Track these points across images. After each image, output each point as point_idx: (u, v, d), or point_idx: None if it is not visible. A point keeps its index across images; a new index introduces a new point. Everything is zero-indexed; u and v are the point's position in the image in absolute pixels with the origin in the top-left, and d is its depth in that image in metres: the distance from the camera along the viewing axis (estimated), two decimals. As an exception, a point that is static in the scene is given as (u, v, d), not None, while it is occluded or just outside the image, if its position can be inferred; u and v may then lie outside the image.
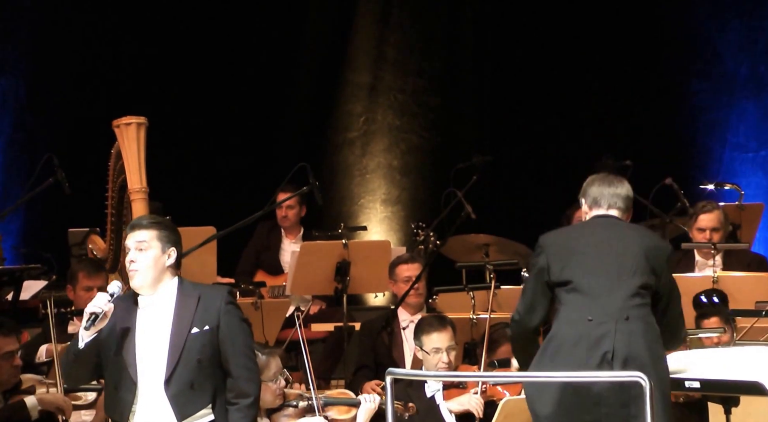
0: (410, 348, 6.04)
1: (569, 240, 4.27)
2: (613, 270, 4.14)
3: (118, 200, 5.61)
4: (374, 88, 8.86)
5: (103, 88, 8.30)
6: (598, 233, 4.25)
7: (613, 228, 4.25)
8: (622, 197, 4.32)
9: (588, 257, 4.18)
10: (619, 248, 4.18)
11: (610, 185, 4.36)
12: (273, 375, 4.79)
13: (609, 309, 4.09)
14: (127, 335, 4.12)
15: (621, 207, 4.31)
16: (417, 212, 8.41)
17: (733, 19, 8.62)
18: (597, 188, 4.33)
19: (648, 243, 4.21)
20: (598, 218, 4.30)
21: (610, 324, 4.06)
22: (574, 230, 4.47)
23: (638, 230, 4.35)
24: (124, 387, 4.10)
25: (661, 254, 4.20)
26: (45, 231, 7.85)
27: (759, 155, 8.49)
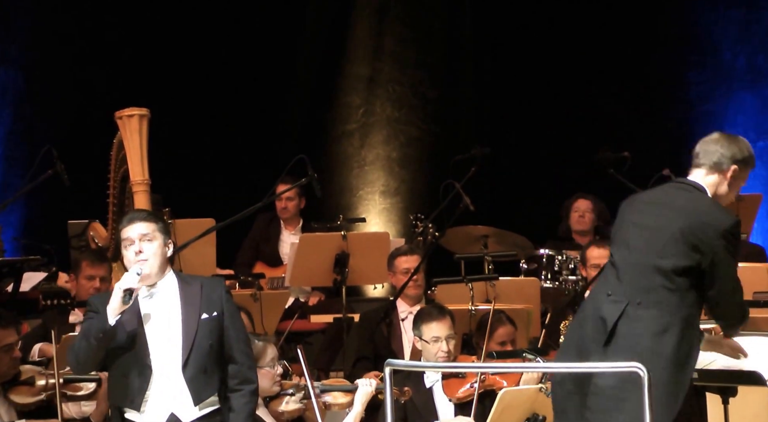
0: (409, 339, 6.05)
1: (628, 209, 4.06)
2: (644, 247, 3.93)
3: (120, 190, 5.63)
4: (373, 80, 8.87)
5: (102, 80, 8.30)
6: (654, 202, 4.01)
7: (671, 198, 3.99)
8: (711, 152, 4.01)
9: (630, 230, 4.00)
10: (660, 222, 3.94)
11: (706, 142, 4.07)
12: (270, 362, 4.83)
13: (627, 289, 3.92)
14: (135, 324, 4.16)
15: (708, 165, 3.99)
16: (416, 204, 8.42)
17: (731, 10, 8.62)
18: (696, 147, 4.08)
19: (693, 219, 3.91)
20: (672, 183, 4.09)
21: (621, 304, 3.90)
22: (642, 196, 4.13)
23: (696, 201, 3.99)
24: (136, 374, 4.14)
25: (708, 230, 3.89)
26: (45, 223, 7.86)
27: (756, 146, 8.49)
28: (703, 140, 4.13)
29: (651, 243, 3.96)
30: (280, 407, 4.90)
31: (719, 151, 4.07)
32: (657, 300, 3.91)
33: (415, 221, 7.21)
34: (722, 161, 4.06)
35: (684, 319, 3.92)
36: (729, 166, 4.07)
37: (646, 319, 3.91)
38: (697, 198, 4.02)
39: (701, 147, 4.11)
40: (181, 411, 4.14)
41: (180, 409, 4.14)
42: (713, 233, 3.93)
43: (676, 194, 4.05)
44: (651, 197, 4.10)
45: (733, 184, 4.10)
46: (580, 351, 3.96)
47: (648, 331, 3.91)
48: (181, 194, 7.05)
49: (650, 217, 4.01)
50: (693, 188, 4.04)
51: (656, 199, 4.07)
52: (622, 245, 4.01)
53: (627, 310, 3.91)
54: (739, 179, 4.11)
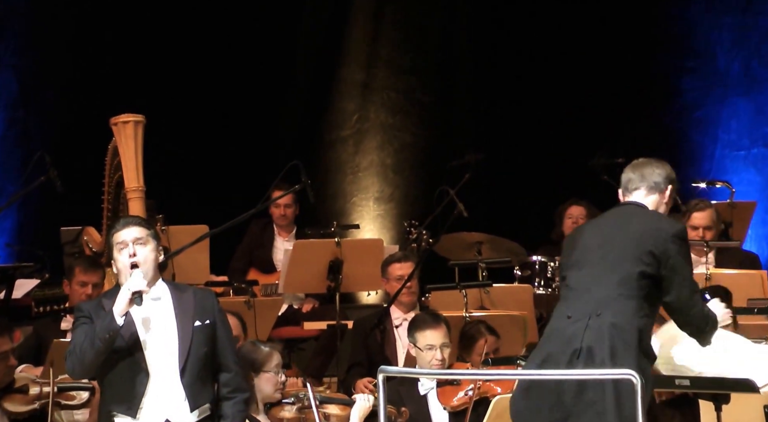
0: (403, 345, 6.05)
1: (577, 234, 4.19)
2: (598, 263, 4.02)
3: (115, 196, 5.62)
4: (367, 86, 8.87)
5: (96, 85, 8.29)
6: (604, 225, 4.12)
7: (621, 217, 4.10)
8: (647, 175, 4.14)
9: (582, 251, 4.09)
10: (612, 238, 4.04)
11: (637, 167, 4.19)
12: (275, 368, 4.83)
13: (586, 306, 3.99)
14: (130, 330, 4.16)
15: (647, 186, 4.12)
16: (410, 210, 8.42)
17: (726, 16, 8.64)
18: (626, 174, 4.21)
19: (646, 227, 4.01)
20: (616, 207, 4.18)
21: (583, 321, 3.97)
22: (591, 222, 4.29)
23: (646, 215, 4.11)
24: (133, 379, 4.14)
25: (662, 235, 3.99)
26: (38, 229, 7.85)
27: (751, 152, 8.51)
28: (631, 165, 4.26)
29: (606, 257, 4.04)
30: (280, 414, 4.90)
31: (656, 172, 4.20)
32: (615, 310, 3.96)
33: (409, 227, 7.21)
34: (660, 182, 4.19)
35: (640, 330, 3.97)
36: (666, 186, 4.20)
37: (604, 328, 3.95)
38: (644, 213, 4.14)
39: (634, 172, 4.22)
40: (176, 416, 4.14)
41: (176, 415, 4.14)
42: (666, 237, 4.01)
43: (624, 211, 4.16)
44: (598, 220, 4.22)
45: (668, 203, 4.23)
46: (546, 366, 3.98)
47: (610, 338, 3.93)
48: (174, 201, 7.04)
49: (601, 236, 4.10)
50: (637, 206, 4.16)
51: (604, 220, 4.17)
52: (575, 267, 4.09)
53: (589, 324, 3.96)
54: (671, 198, 4.25)
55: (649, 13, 8.68)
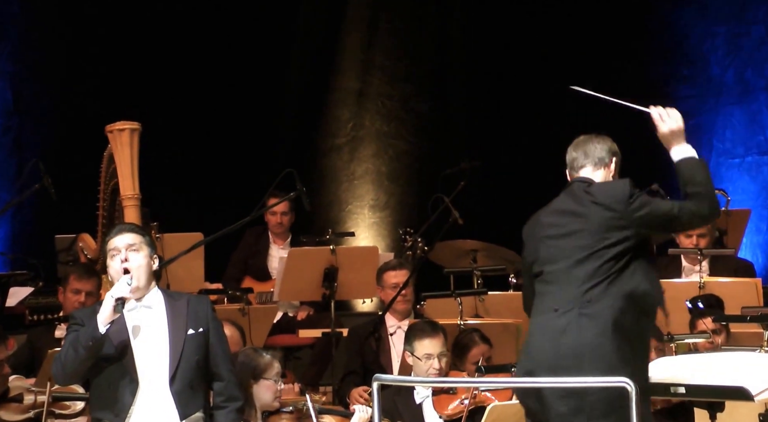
0: (398, 353, 6.04)
1: (536, 227, 4.13)
2: (572, 252, 3.97)
3: (110, 204, 5.62)
4: (362, 93, 8.88)
5: (91, 93, 8.29)
6: (559, 212, 4.06)
7: (575, 198, 4.05)
8: (590, 152, 4.13)
9: (549, 243, 4.04)
10: (574, 224, 3.99)
11: (579, 145, 4.17)
12: (275, 375, 4.83)
13: (570, 296, 3.94)
14: (121, 337, 4.16)
15: (592, 163, 4.10)
16: (405, 218, 8.42)
17: (719, 24, 8.66)
18: (569, 154, 4.19)
19: (602, 204, 3.97)
20: (564, 191, 4.13)
21: (570, 314, 3.92)
22: (543, 212, 4.18)
23: (597, 193, 4.03)
24: (122, 387, 4.13)
25: (618, 205, 3.95)
26: (32, 237, 7.84)
27: (745, 160, 8.53)
28: (573, 144, 4.23)
29: (574, 247, 3.99)
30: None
31: (598, 147, 4.18)
32: (598, 299, 3.92)
33: (404, 235, 7.21)
34: (604, 156, 4.17)
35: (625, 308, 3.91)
36: (610, 159, 4.18)
37: (586, 321, 3.92)
38: (594, 191, 4.07)
39: (577, 150, 4.20)
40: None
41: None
42: (623, 204, 3.98)
43: (576, 192, 4.09)
44: (552, 209, 4.14)
45: (615, 176, 4.19)
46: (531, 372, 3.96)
47: (589, 334, 3.90)
48: (169, 208, 7.04)
49: (562, 226, 4.04)
50: (584, 183, 4.09)
51: (560, 205, 4.11)
52: (548, 261, 4.04)
53: (573, 318, 3.93)
54: (617, 171, 4.21)
55: (643, 21, 8.70)
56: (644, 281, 3.97)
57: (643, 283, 3.97)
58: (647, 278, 3.98)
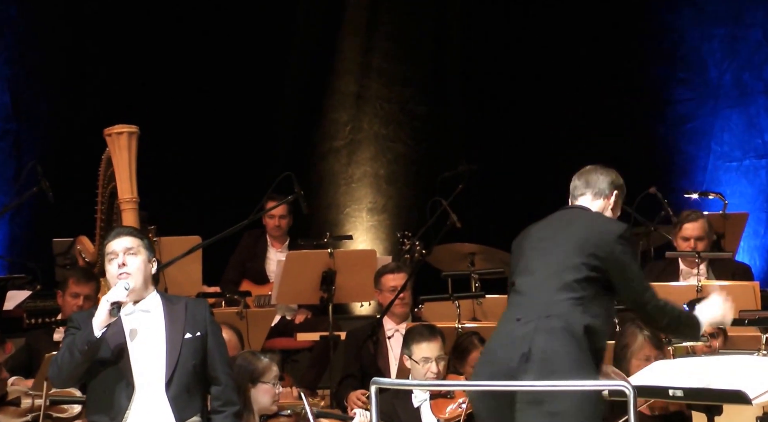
0: (395, 357, 6.04)
1: (523, 240, 4.18)
2: (546, 266, 4.02)
3: (108, 207, 5.61)
4: (360, 96, 8.88)
5: (89, 96, 8.29)
6: (548, 227, 4.13)
7: (565, 219, 4.12)
8: (592, 182, 4.18)
9: (530, 256, 4.09)
10: (557, 241, 4.05)
11: (583, 174, 4.22)
12: (273, 379, 4.82)
13: (536, 307, 3.99)
14: (118, 340, 4.16)
15: (592, 192, 4.15)
16: (403, 221, 8.43)
17: (717, 27, 8.67)
18: (572, 182, 4.25)
19: (589, 231, 4.03)
20: (559, 211, 4.20)
21: (532, 323, 3.96)
22: (534, 227, 4.25)
23: (590, 217, 4.13)
24: (118, 390, 4.13)
25: (604, 237, 4.00)
26: (30, 240, 7.84)
27: (743, 163, 8.53)
28: (577, 173, 4.29)
29: (555, 260, 4.04)
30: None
31: (600, 178, 4.23)
32: (564, 311, 3.97)
33: (402, 238, 7.21)
34: (605, 188, 4.21)
35: (585, 328, 3.96)
36: (611, 191, 4.22)
37: (556, 330, 3.95)
38: (588, 215, 4.17)
39: (579, 179, 4.26)
40: (162, 429, 4.11)
41: None
42: (609, 239, 4.03)
43: (569, 214, 4.18)
44: (543, 224, 4.23)
45: (615, 209, 4.25)
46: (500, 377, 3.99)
47: (560, 341, 3.94)
48: (167, 211, 7.04)
49: (547, 240, 4.10)
50: (581, 209, 4.19)
51: (549, 223, 4.19)
52: (524, 272, 4.10)
53: (537, 326, 3.96)
54: (618, 204, 4.26)
55: (640, 24, 8.71)
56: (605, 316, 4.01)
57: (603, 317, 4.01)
58: (606, 315, 4.03)
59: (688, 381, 4.06)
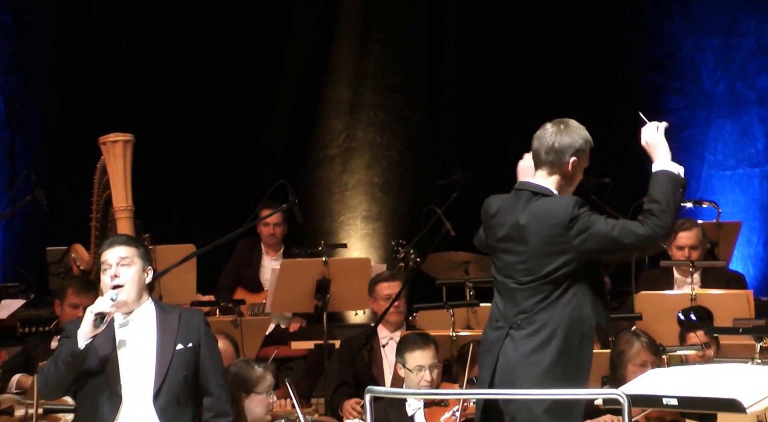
0: (390, 365, 6.04)
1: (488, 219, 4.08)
2: (514, 272, 3.95)
3: (103, 215, 5.61)
4: (355, 104, 8.89)
5: (82, 105, 8.29)
6: (508, 224, 4.00)
7: (519, 214, 3.97)
8: (545, 149, 3.98)
9: (499, 254, 4.03)
10: (520, 246, 3.95)
11: (539, 138, 4.01)
12: (267, 389, 4.80)
13: (509, 312, 3.95)
14: (108, 350, 4.14)
15: (548, 166, 3.96)
16: (397, 229, 8.43)
17: (710, 37, 8.69)
18: (533, 143, 4.06)
19: (544, 226, 3.89)
20: (515, 194, 4.04)
21: (504, 330, 3.93)
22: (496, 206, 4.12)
23: (539, 212, 3.94)
24: (106, 401, 4.11)
25: (560, 222, 3.87)
26: (23, 249, 7.82)
27: (736, 172, 8.55)
28: (537, 135, 4.11)
29: (517, 270, 3.97)
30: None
31: (556, 142, 4.02)
32: (530, 320, 3.92)
33: (397, 246, 7.21)
34: (562, 156, 4.03)
35: (563, 330, 3.90)
36: (569, 158, 4.04)
37: (520, 340, 3.92)
38: (535, 208, 3.98)
39: (536, 143, 4.08)
40: (149, 440, 4.10)
41: None
42: (562, 228, 3.90)
43: (520, 208, 4.01)
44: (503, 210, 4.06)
45: (575, 175, 4.08)
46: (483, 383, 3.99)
47: (521, 352, 3.91)
48: (161, 220, 7.03)
49: (509, 242, 4.00)
50: (533, 195, 4.01)
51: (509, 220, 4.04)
52: (498, 271, 4.04)
53: (510, 334, 3.93)
54: (579, 168, 4.08)
55: (635, 34, 8.73)
56: (584, 305, 3.93)
57: (583, 308, 3.93)
58: (588, 302, 3.93)
59: (682, 389, 4.07)
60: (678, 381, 4.12)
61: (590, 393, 3.91)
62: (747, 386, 3.90)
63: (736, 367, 4.30)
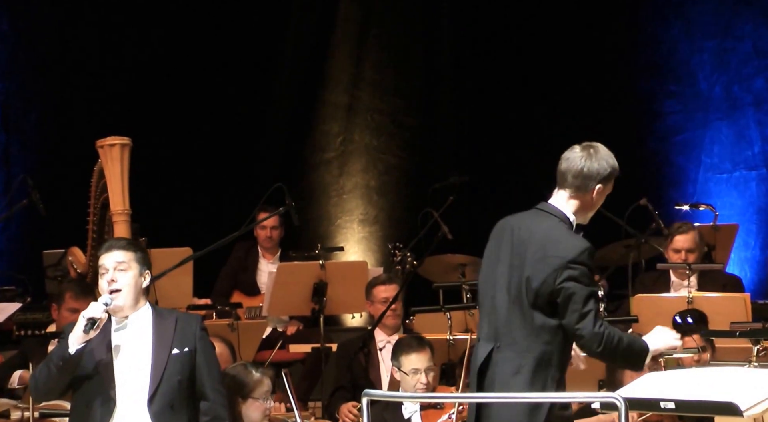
0: (387, 368, 6.03)
1: (487, 250, 4.05)
2: (503, 287, 3.90)
3: (100, 218, 5.60)
4: (351, 108, 8.89)
5: (79, 108, 8.28)
6: (507, 238, 3.96)
7: (523, 231, 3.91)
8: (572, 173, 3.89)
9: (488, 270, 3.98)
10: (514, 259, 3.89)
11: (567, 160, 3.94)
12: (264, 394, 4.78)
13: (491, 332, 3.91)
14: (103, 354, 4.13)
15: (570, 189, 3.88)
16: (394, 233, 8.42)
17: (706, 40, 8.70)
18: (559, 164, 3.95)
19: (546, 252, 3.82)
20: (534, 213, 3.99)
21: (487, 348, 3.90)
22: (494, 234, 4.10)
23: (548, 231, 3.88)
24: (100, 405, 4.09)
25: (554, 264, 3.79)
26: (20, 253, 7.81)
27: (733, 175, 8.56)
28: (565, 157, 4.02)
29: (510, 281, 3.92)
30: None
31: (584, 168, 3.93)
32: (510, 342, 3.88)
33: (394, 250, 7.21)
34: (588, 181, 3.94)
35: (537, 358, 3.86)
36: (595, 185, 3.93)
37: (501, 362, 3.88)
38: (547, 226, 3.92)
39: (563, 166, 3.99)
40: (143, 445, 4.08)
41: None
42: (555, 265, 3.82)
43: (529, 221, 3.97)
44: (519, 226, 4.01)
45: (596, 203, 3.99)
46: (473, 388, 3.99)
47: (501, 374, 3.88)
48: (157, 223, 7.03)
49: (507, 254, 3.96)
50: (546, 218, 3.96)
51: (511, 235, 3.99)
52: (483, 290, 4.00)
53: (492, 354, 3.90)
54: (601, 195, 3.99)
55: (630, 37, 8.74)
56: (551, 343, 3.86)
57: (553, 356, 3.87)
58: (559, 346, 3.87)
59: (679, 392, 4.07)
60: (675, 385, 4.12)
61: (587, 397, 3.91)
62: (744, 389, 3.90)
63: (733, 370, 4.30)
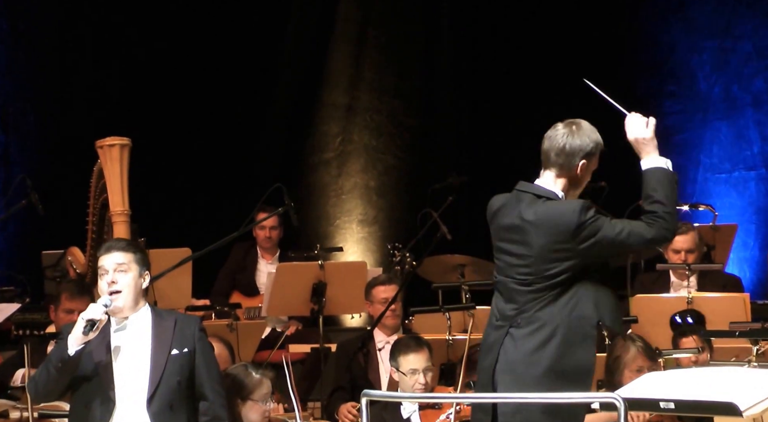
0: (386, 369, 6.03)
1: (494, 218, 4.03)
2: (515, 272, 3.90)
3: (99, 219, 5.60)
4: (351, 108, 8.89)
5: (78, 108, 8.28)
6: (508, 227, 3.95)
7: (521, 218, 3.90)
8: (555, 151, 3.92)
9: (499, 256, 3.99)
10: (521, 249, 3.88)
11: (550, 139, 3.94)
12: (263, 396, 4.78)
13: (508, 312, 3.90)
14: (103, 355, 4.13)
15: (556, 168, 3.89)
16: (393, 233, 8.42)
17: (706, 40, 8.70)
18: (543, 143, 3.96)
19: (548, 232, 3.83)
20: (517, 194, 3.98)
21: (503, 329, 3.89)
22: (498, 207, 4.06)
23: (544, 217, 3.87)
24: (99, 406, 4.10)
25: (567, 230, 3.80)
26: (19, 253, 7.81)
27: (732, 175, 8.56)
28: (548, 135, 4.03)
29: (518, 271, 3.92)
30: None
31: (566, 145, 3.96)
32: (530, 319, 3.87)
33: (393, 250, 7.21)
34: (572, 159, 3.96)
35: (562, 330, 3.85)
36: (579, 161, 3.97)
37: (521, 339, 3.87)
38: (539, 212, 3.92)
39: (546, 145, 3.99)
40: (142, 445, 4.09)
41: None
42: (570, 235, 3.84)
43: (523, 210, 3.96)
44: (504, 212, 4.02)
45: (582, 178, 4.01)
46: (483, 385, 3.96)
47: (521, 351, 3.87)
48: (156, 223, 7.02)
49: (510, 243, 3.95)
50: (537, 198, 3.96)
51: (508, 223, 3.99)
52: (499, 271, 3.99)
53: (510, 332, 3.89)
54: (587, 172, 4.01)
55: (629, 37, 8.74)
56: (585, 304, 3.88)
57: (584, 307, 3.87)
58: (590, 301, 3.88)
59: (679, 392, 4.06)
60: (675, 385, 4.12)
61: (587, 397, 3.90)
62: (744, 389, 3.90)
63: (733, 370, 4.30)
